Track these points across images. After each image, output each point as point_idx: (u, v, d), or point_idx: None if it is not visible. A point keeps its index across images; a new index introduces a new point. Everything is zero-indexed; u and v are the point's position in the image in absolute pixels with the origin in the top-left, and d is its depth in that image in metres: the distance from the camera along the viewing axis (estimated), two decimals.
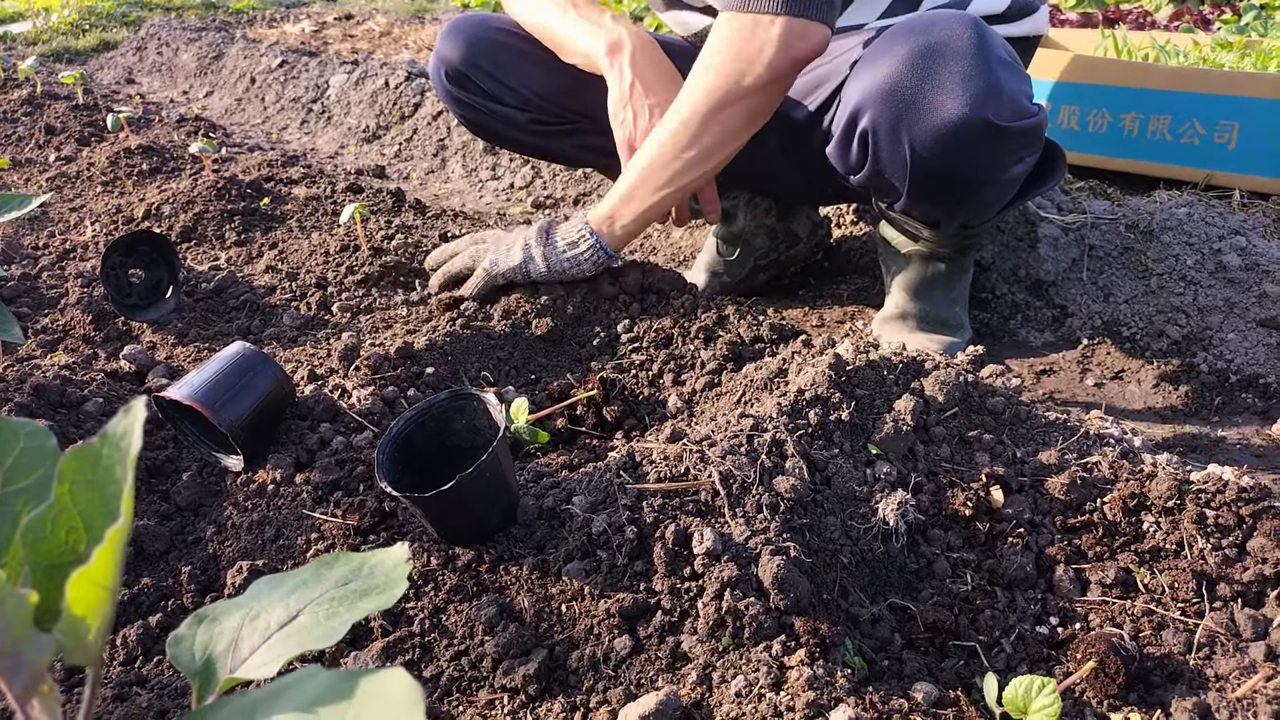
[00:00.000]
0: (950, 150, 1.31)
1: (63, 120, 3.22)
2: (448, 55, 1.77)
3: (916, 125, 1.31)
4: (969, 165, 1.35)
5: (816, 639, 0.85)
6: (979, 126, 1.28)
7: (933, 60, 1.29)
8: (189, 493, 1.16)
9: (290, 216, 2.15)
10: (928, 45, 1.30)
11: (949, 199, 1.46)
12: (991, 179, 1.39)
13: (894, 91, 1.31)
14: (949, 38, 1.29)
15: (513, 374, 1.48)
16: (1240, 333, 1.64)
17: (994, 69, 1.29)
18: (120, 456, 0.47)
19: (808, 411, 1.09)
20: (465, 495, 0.94)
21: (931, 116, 1.30)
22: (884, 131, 1.35)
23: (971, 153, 1.32)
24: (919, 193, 1.42)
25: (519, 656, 0.88)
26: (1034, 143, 1.38)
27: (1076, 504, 1.05)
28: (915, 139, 1.32)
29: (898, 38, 1.34)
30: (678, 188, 1.47)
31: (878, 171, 1.42)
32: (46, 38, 6.10)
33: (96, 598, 0.45)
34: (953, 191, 1.42)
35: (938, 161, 1.33)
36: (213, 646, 0.58)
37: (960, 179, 1.38)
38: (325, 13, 6.31)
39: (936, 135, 1.30)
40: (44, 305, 1.76)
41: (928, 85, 1.29)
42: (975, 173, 1.37)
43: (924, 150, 1.33)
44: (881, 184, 1.45)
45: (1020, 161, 1.39)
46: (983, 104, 1.27)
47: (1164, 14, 4.11)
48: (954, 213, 1.50)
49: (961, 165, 1.34)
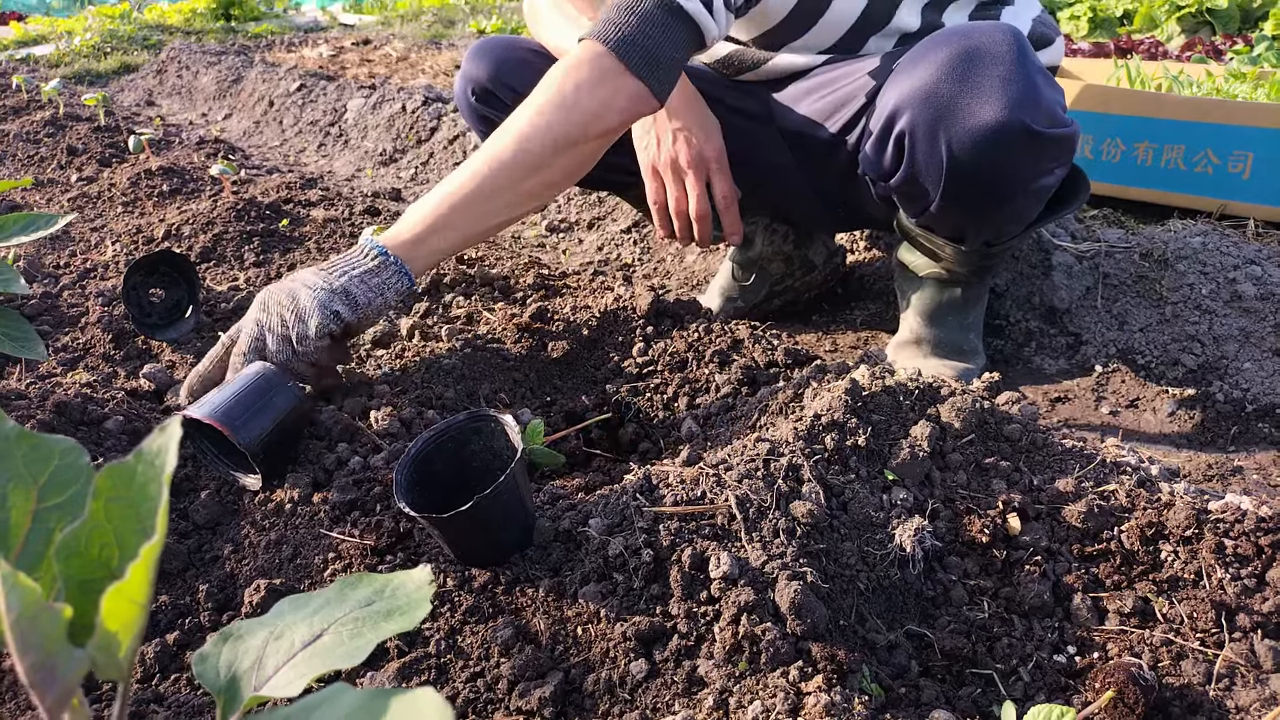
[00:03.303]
0: (987, 153, 1.31)
1: (84, 141, 3.27)
2: (475, 74, 1.79)
3: (954, 127, 1.32)
4: (1004, 170, 1.35)
5: (834, 665, 0.84)
6: (1017, 130, 1.28)
7: (972, 65, 1.30)
8: (207, 511, 1.17)
9: (309, 238, 2.17)
10: (967, 50, 1.31)
11: (980, 206, 1.45)
12: (1023, 187, 1.39)
13: (933, 94, 1.32)
14: (989, 44, 1.30)
15: (528, 395, 1.49)
16: (1256, 362, 1.64)
17: (1033, 76, 1.30)
18: (155, 474, 0.48)
19: (824, 437, 1.10)
20: (483, 516, 0.94)
21: (970, 119, 1.30)
22: (921, 133, 1.35)
23: (1007, 157, 1.32)
24: (952, 198, 1.41)
25: (535, 679, 0.88)
26: (1067, 153, 1.38)
27: (1094, 532, 1.05)
28: (953, 141, 1.32)
29: (937, 44, 1.34)
30: (498, 222, 1.38)
31: (912, 175, 1.41)
32: (69, 60, 6.19)
33: (130, 613, 0.45)
34: (986, 197, 1.42)
35: (974, 165, 1.33)
36: (237, 664, 0.59)
37: (994, 184, 1.38)
38: (343, 38, 6.39)
39: (974, 138, 1.31)
40: (64, 323, 1.78)
41: (967, 88, 1.30)
42: (1009, 178, 1.37)
43: (961, 153, 1.33)
44: (914, 189, 1.45)
45: (1051, 172, 1.39)
46: (1021, 109, 1.28)
47: (1176, 44, 4.13)
48: (982, 223, 1.50)
49: (997, 169, 1.34)
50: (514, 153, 1.32)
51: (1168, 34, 4.47)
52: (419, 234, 1.35)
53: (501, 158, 1.33)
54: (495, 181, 1.33)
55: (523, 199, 1.36)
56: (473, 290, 1.86)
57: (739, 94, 1.78)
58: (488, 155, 1.34)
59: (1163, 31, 4.52)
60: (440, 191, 1.36)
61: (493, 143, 1.35)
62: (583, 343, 1.55)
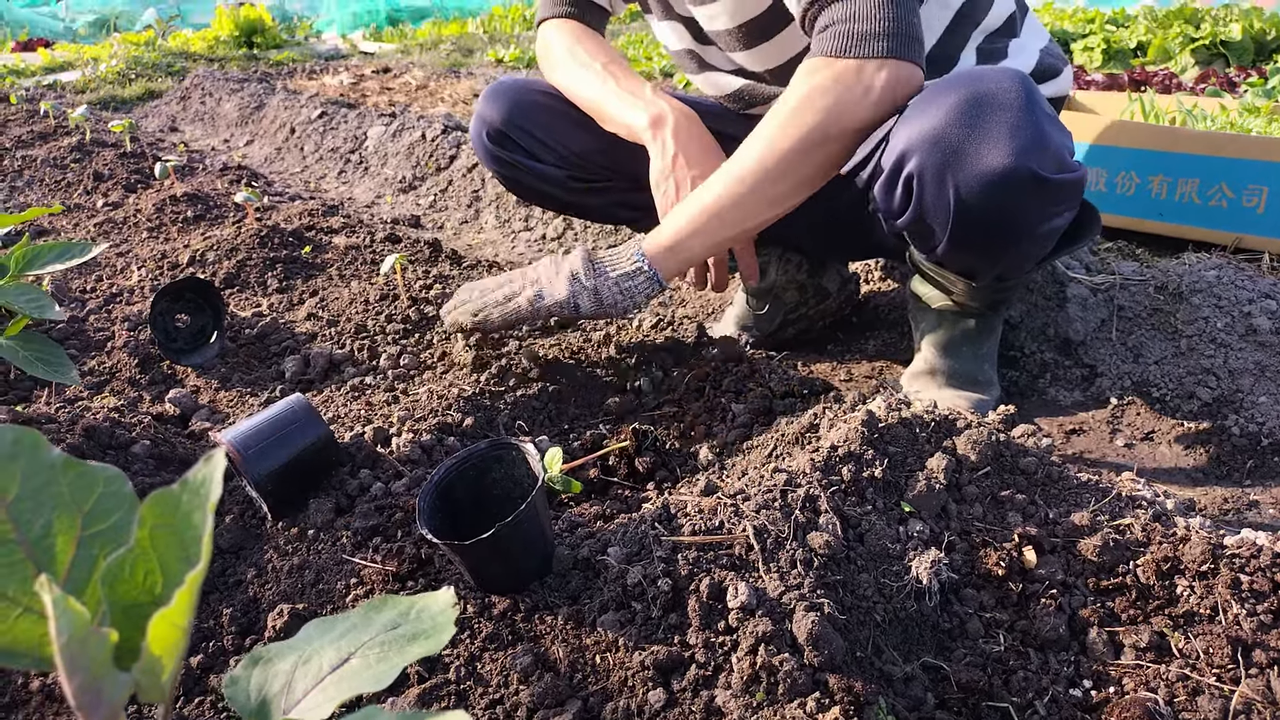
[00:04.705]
0: (994, 199, 1.33)
1: (110, 167, 3.33)
2: (489, 116, 1.82)
3: (962, 172, 1.33)
4: (1011, 215, 1.36)
5: (850, 697, 0.85)
6: (1025, 177, 1.30)
7: (981, 110, 1.31)
8: (231, 536, 1.19)
9: (331, 265, 2.20)
10: (976, 95, 1.32)
11: (988, 248, 1.47)
12: (1030, 231, 1.40)
13: (941, 138, 1.33)
14: (997, 90, 1.32)
15: (546, 423, 1.50)
16: (1272, 396, 1.64)
17: (1041, 122, 1.31)
18: (200, 503, 0.50)
19: (841, 468, 1.11)
20: (504, 544, 0.95)
21: (978, 164, 1.31)
22: (930, 177, 1.36)
23: (1015, 203, 1.34)
24: (959, 240, 1.43)
25: (554, 707, 0.89)
26: (1074, 197, 1.40)
27: (1109, 566, 1.05)
28: (960, 186, 1.34)
29: (946, 88, 1.36)
30: (745, 228, 1.48)
31: (920, 216, 1.43)
32: (94, 86, 6.30)
33: (173, 638, 0.47)
34: (993, 240, 1.43)
35: (981, 209, 1.35)
36: (267, 688, 0.60)
37: (1001, 228, 1.39)
38: (363, 66, 6.48)
39: (982, 183, 1.32)
40: (91, 348, 1.82)
41: (975, 134, 1.31)
42: (1016, 223, 1.38)
43: (969, 197, 1.34)
44: (923, 229, 1.46)
45: (1059, 215, 1.41)
46: (1029, 155, 1.29)
47: (1190, 76, 4.15)
48: (991, 264, 1.52)
49: (1004, 214, 1.36)
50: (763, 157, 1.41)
51: (1182, 66, 4.50)
52: (677, 241, 1.48)
53: (755, 164, 1.42)
54: (749, 187, 1.43)
55: (775, 201, 1.45)
56: None
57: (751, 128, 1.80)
58: (742, 162, 1.43)
59: (1176, 63, 4.54)
60: (698, 200, 1.47)
61: (747, 150, 1.44)
62: (600, 371, 1.57)
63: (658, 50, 6.04)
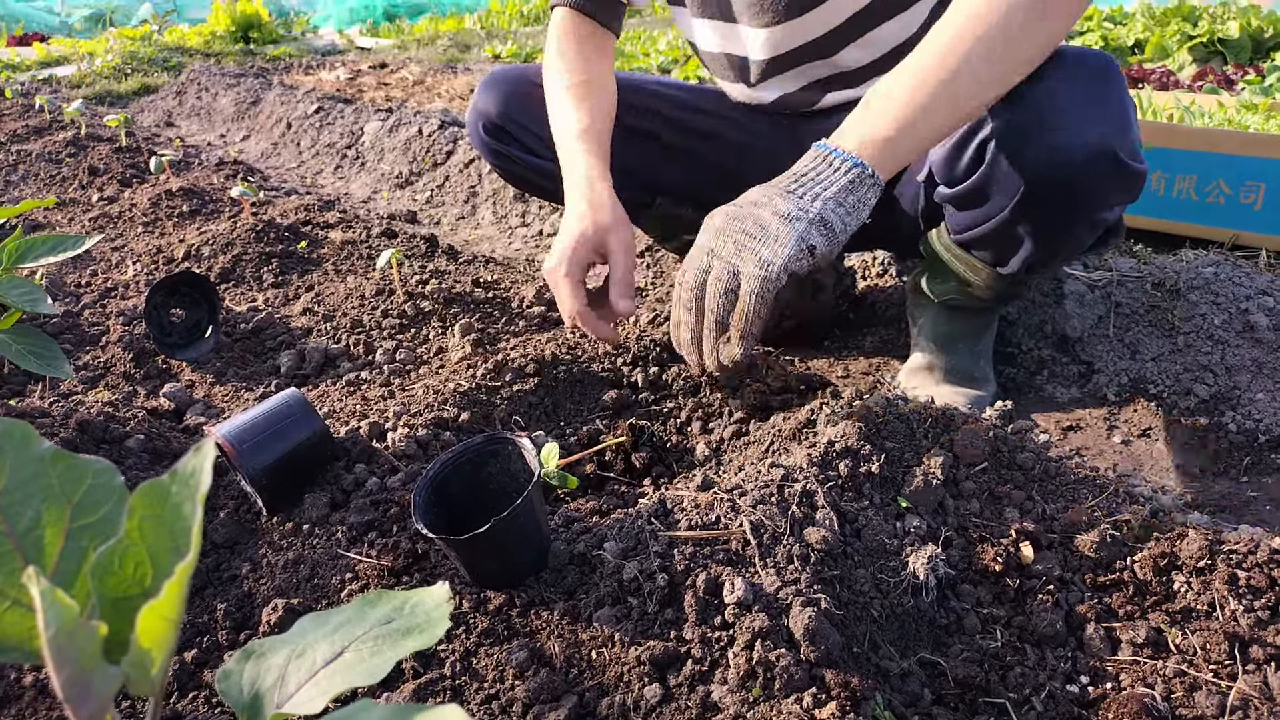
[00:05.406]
0: (1070, 173, 1.28)
1: (106, 162, 3.31)
2: (485, 108, 1.81)
3: (1046, 141, 1.28)
4: (1085, 192, 1.32)
5: (847, 692, 0.85)
6: (1106, 156, 1.27)
7: (1074, 83, 1.28)
8: (226, 530, 1.18)
9: (327, 260, 2.19)
10: (1068, 69, 1.28)
11: (1047, 226, 1.41)
12: (1090, 215, 1.37)
13: (1031, 105, 1.28)
14: (1094, 66, 1.29)
15: (543, 419, 1.50)
16: (1269, 393, 1.64)
17: (1128, 107, 1.29)
18: (189, 494, 0.49)
19: (838, 463, 1.10)
20: (499, 539, 0.95)
21: (1060, 136, 1.27)
22: (1009, 141, 1.31)
23: (1089, 180, 1.30)
24: (1020, 213, 1.37)
25: (549, 702, 0.89)
26: (1136, 190, 1.36)
27: (1106, 562, 1.05)
28: (1042, 154, 1.29)
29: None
30: (968, 112, 1.22)
31: (984, 184, 1.37)
32: (90, 81, 6.28)
33: (163, 630, 0.47)
34: (1055, 217, 1.38)
35: (1057, 181, 1.30)
36: (260, 682, 0.59)
37: (1070, 204, 1.35)
38: (360, 61, 6.47)
39: (1062, 155, 1.28)
40: (85, 342, 1.81)
41: (1066, 105, 1.27)
42: (1084, 202, 1.35)
43: (1049, 168, 1.29)
44: (978, 199, 1.40)
45: (1119, 205, 1.38)
46: (1112, 136, 1.27)
47: (1187, 74, 4.15)
48: (1037, 246, 1.45)
49: (1077, 190, 1.31)
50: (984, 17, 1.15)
51: (1179, 63, 4.49)
52: (893, 134, 1.16)
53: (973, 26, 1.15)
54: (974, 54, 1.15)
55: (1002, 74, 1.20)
56: (490, 311, 1.87)
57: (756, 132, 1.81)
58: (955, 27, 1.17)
59: (1174, 61, 4.54)
60: (905, 82, 1.18)
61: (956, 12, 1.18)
62: (596, 366, 1.56)
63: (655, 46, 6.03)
